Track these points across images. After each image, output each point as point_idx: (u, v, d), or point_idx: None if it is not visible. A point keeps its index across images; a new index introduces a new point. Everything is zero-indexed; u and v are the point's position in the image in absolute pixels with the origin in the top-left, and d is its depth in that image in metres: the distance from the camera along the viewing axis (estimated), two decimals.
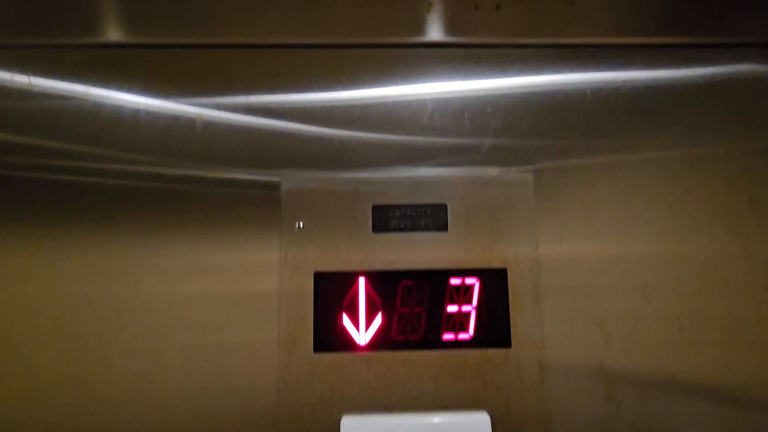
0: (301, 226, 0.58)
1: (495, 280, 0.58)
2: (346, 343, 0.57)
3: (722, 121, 0.63)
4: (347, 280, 0.58)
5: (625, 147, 0.62)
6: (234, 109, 0.61)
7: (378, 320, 0.57)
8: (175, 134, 0.60)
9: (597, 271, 0.59)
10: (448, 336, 0.57)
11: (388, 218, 0.59)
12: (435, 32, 0.63)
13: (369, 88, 0.62)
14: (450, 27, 0.63)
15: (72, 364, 0.55)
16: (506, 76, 0.63)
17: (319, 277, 0.57)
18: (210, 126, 0.60)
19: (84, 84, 0.60)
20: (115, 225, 0.58)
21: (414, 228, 0.59)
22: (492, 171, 0.61)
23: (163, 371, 0.55)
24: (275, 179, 0.59)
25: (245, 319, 0.56)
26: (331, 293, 0.57)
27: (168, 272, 0.57)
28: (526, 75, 0.63)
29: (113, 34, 0.62)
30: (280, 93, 0.61)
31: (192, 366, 0.55)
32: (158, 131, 0.60)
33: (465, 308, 0.58)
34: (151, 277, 0.57)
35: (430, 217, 0.59)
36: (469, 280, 0.58)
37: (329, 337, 0.57)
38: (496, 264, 0.58)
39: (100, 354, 0.55)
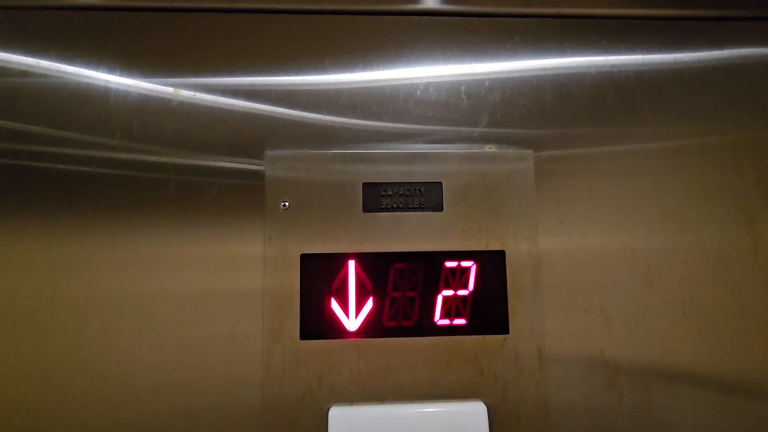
0: (287, 205, 0.55)
1: (492, 263, 0.55)
2: (334, 330, 0.53)
3: (731, 103, 0.60)
4: (336, 262, 0.54)
5: (629, 126, 0.59)
6: (213, 90, 0.57)
7: (369, 305, 0.54)
8: (149, 116, 0.55)
9: (599, 254, 0.56)
10: (442, 322, 0.54)
11: (379, 197, 0.55)
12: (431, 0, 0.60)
13: (360, 59, 0.58)
14: None
15: (43, 362, 0.51)
16: (506, 48, 0.59)
17: (306, 260, 0.54)
18: (187, 108, 0.56)
19: (49, 57, 0.56)
20: (85, 215, 0.53)
21: (407, 207, 0.55)
22: (490, 148, 0.57)
23: (140, 363, 0.51)
24: (258, 160, 0.55)
25: (227, 305, 0.53)
26: (319, 277, 0.54)
27: (142, 262, 0.53)
28: (527, 47, 0.59)
29: None
30: (264, 75, 0.57)
31: (171, 358, 0.52)
32: (130, 113, 0.55)
33: (461, 292, 0.54)
34: (127, 267, 0.53)
35: (425, 196, 0.56)
36: (465, 263, 0.55)
37: (317, 324, 0.53)
38: (493, 246, 0.55)
39: (71, 351, 0.51)
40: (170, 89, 0.56)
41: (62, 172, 0.54)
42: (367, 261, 0.54)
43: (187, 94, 0.56)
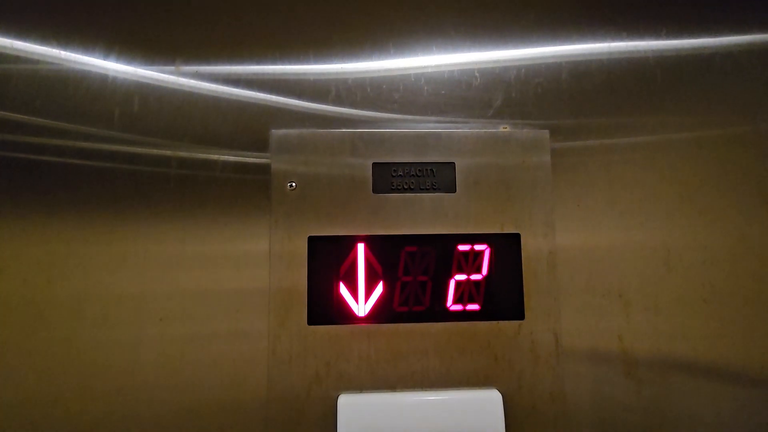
0: (293, 186, 0.53)
1: (507, 247, 0.53)
2: (343, 315, 0.51)
3: (755, 88, 0.58)
4: (345, 245, 0.52)
5: (649, 109, 0.57)
6: (215, 79, 0.54)
7: (379, 290, 0.52)
8: (149, 103, 0.53)
9: (617, 237, 0.54)
10: (455, 307, 0.52)
11: (390, 177, 0.53)
12: None
13: (370, 37, 0.56)
14: None
15: (42, 358, 0.48)
16: (521, 26, 0.57)
17: (314, 242, 0.52)
18: (189, 93, 0.54)
19: (43, 41, 0.53)
20: (85, 210, 0.51)
21: (419, 188, 0.53)
22: (504, 128, 0.55)
23: (142, 357, 0.49)
24: (264, 142, 0.53)
25: (232, 289, 0.51)
26: (327, 260, 0.52)
27: (141, 253, 0.51)
28: (542, 25, 0.57)
29: None
30: (270, 56, 0.55)
31: (176, 348, 0.50)
32: (129, 103, 0.53)
33: (474, 277, 0.52)
34: (126, 256, 0.51)
35: (437, 177, 0.54)
36: (478, 247, 0.53)
37: (325, 309, 0.51)
38: (508, 229, 0.53)
39: (70, 345, 0.49)
40: (171, 76, 0.53)
41: (58, 164, 0.51)
42: (377, 244, 0.52)
43: (189, 68, 0.54)
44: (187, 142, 0.53)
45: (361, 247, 0.52)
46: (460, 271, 0.53)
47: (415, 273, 0.52)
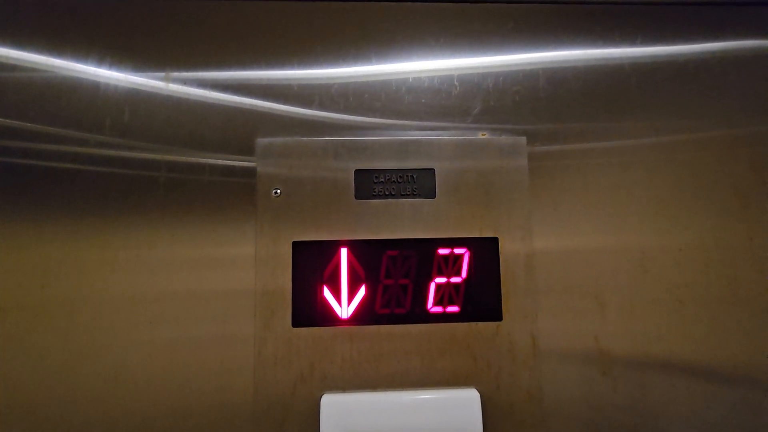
0: (278, 192, 0.54)
1: (486, 250, 0.55)
2: (327, 317, 0.53)
3: (728, 94, 0.59)
4: (328, 249, 0.54)
5: (624, 114, 0.58)
6: (203, 82, 0.56)
7: (361, 293, 0.54)
8: (139, 110, 0.55)
9: (593, 240, 0.56)
10: (435, 309, 0.54)
11: (371, 184, 0.55)
12: None
13: (353, 47, 0.58)
14: None
15: (40, 363, 0.50)
16: (500, 35, 0.59)
17: (298, 247, 0.53)
18: (178, 100, 0.55)
19: (36, 50, 0.55)
20: (77, 214, 0.52)
21: (399, 194, 0.55)
22: (483, 134, 0.57)
23: (132, 357, 0.51)
24: (250, 152, 0.55)
25: (218, 292, 0.52)
26: (311, 264, 0.53)
27: (133, 254, 0.52)
28: (520, 34, 0.59)
29: None
30: (255, 65, 0.57)
31: (163, 350, 0.51)
32: (120, 109, 0.55)
33: (454, 280, 0.54)
34: (118, 257, 0.52)
35: (417, 183, 0.55)
36: (458, 250, 0.54)
37: (309, 311, 0.53)
38: (486, 233, 0.55)
39: (60, 349, 0.50)
40: (161, 83, 0.55)
41: (51, 169, 0.53)
42: (359, 248, 0.54)
43: (178, 76, 0.55)
44: (177, 146, 0.55)
45: (344, 252, 0.54)
46: (440, 274, 0.54)
47: (397, 276, 0.54)
